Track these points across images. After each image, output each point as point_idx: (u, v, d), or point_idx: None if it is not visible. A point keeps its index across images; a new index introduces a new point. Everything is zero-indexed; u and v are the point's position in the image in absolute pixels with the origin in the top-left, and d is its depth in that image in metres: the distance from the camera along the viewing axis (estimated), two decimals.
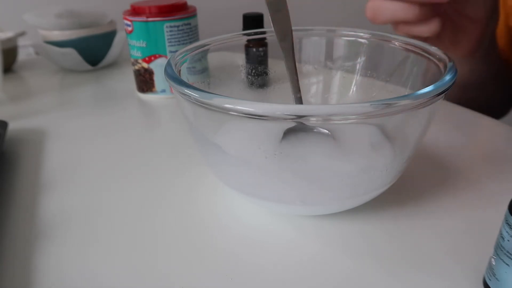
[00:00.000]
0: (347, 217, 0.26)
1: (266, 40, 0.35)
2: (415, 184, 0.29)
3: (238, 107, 0.20)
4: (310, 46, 0.35)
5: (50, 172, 0.33)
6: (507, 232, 0.19)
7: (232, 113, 0.21)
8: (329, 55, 0.35)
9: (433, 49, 0.27)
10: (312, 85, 0.36)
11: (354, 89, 0.34)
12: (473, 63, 0.44)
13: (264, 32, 0.34)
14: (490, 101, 0.53)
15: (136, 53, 0.47)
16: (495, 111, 0.54)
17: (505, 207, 0.27)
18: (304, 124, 0.30)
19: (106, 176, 0.33)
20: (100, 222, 0.27)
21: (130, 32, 0.46)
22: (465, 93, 0.47)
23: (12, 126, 0.40)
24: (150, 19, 0.44)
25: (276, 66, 0.35)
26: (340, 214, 0.26)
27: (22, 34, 0.61)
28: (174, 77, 0.24)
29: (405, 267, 0.23)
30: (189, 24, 0.46)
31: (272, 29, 0.29)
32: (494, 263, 0.20)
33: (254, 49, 0.39)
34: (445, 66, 0.24)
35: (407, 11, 0.32)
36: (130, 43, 0.47)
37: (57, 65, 0.60)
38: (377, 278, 0.22)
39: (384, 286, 0.21)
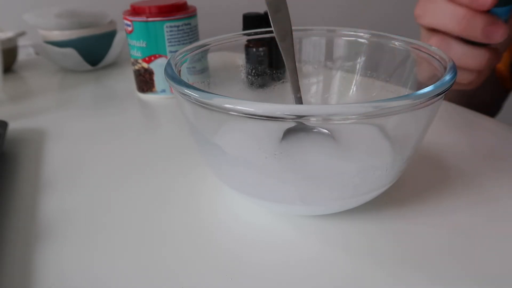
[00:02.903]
0: (347, 217, 0.26)
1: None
2: (415, 184, 0.29)
3: (238, 107, 0.20)
4: (310, 46, 0.35)
5: (50, 172, 0.33)
6: None
7: (232, 113, 0.21)
8: (329, 55, 0.35)
9: (433, 49, 0.27)
10: (312, 85, 0.36)
11: (354, 89, 0.34)
12: None
13: (264, 32, 0.34)
14: (485, 103, 0.53)
15: (136, 53, 0.47)
16: (490, 111, 0.54)
17: (505, 207, 0.27)
18: (304, 124, 0.30)
19: (106, 176, 0.33)
20: (100, 222, 0.27)
21: (130, 32, 0.46)
22: (462, 99, 0.47)
23: (12, 126, 0.40)
24: (150, 19, 0.44)
25: (276, 66, 0.35)
26: (340, 214, 0.26)
27: (22, 34, 0.61)
28: (174, 77, 0.24)
29: (405, 267, 0.23)
30: (189, 24, 0.46)
31: (272, 29, 0.29)
32: None
33: (254, 49, 0.39)
34: (445, 66, 0.24)
35: (453, 18, 0.30)
36: (130, 43, 0.47)
37: (57, 65, 0.60)
38: (377, 278, 0.22)
39: (384, 286, 0.21)
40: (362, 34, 0.32)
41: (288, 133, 0.29)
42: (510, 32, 0.34)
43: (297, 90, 0.30)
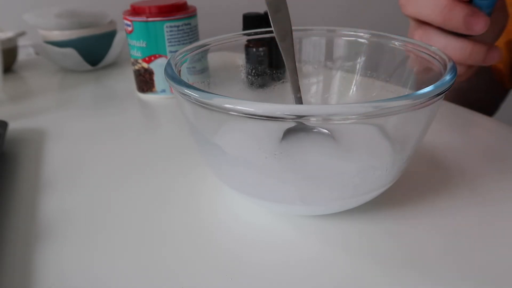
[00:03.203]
0: (347, 217, 0.26)
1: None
2: (415, 184, 0.29)
3: (238, 107, 0.20)
4: (310, 46, 0.35)
5: (50, 172, 0.33)
6: None
7: (232, 113, 0.21)
8: (329, 55, 0.35)
9: (433, 49, 0.27)
10: (312, 85, 0.36)
11: (354, 89, 0.34)
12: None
13: (264, 32, 0.34)
14: (482, 101, 0.53)
15: (136, 53, 0.47)
16: (487, 110, 0.54)
17: (504, 206, 0.27)
18: (304, 124, 0.30)
19: (106, 176, 0.33)
20: (100, 222, 0.27)
21: (130, 32, 0.46)
22: (457, 96, 0.47)
23: (12, 126, 0.40)
24: (150, 19, 0.44)
25: (276, 66, 0.35)
26: (340, 214, 0.26)
27: (22, 34, 0.61)
28: (174, 77, 0.24)
29: (404, 267, 0.23)
30: (189, 24, 0.46)
31: (272, 29, 0.29)
32: None
33: (254, 49, 0.39)
34: (445, 66, 0.24)
35: (434, 9, 0.30)
36: (130, 43, 0.47)
37: (57, 65, 0.60)
38: (376, 279, 0.22)
39: (383, 287, 0.21)
40: (362, 34, 0.32)
41: (288, 133, 0.29)
42: (495, 27, 0.34)
43: (297, 90, 0.30)
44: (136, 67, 0.48)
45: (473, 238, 0.24)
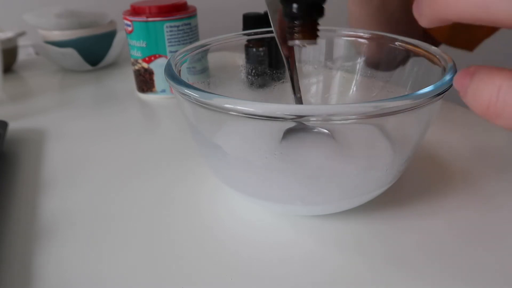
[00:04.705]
0: (347, 217, 0.26)
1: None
2: (415, 184, 0.29)
3: (238, 107, 0.20)
4: (310, 46, 0.35)
5: (50, 172, 0.33)
6: None
7: (232, 113, 0.21)
8: (329, 55, 0.35)
9: (433, 49, 0.27)
10: (312, 85, 0.36)
11: (354, 89, 0.34)
12: None
13: (264, 32, 0.34)
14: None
15: (136, 53, 0.47)
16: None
17: (504, 206, 0.27)
18: (304, 124, 0.30)
19: (106, 176, 0.33)
20: (100, 222, 0.27)
21: (130, 32, 0.46)
22: (398, 27, 0.45)
23: (12, 126, 0.40)
24: (150, 19, 0.44)
25: (276, 66, 0.35)
26: (340, 214, 0.26)
27: (22, 34, 0.61)
28: (174, 77, 0.24)
29: (403, 267, 0.23)
30: (189, 24, 0.46)
31: (272, 29, 0.29)
32: None
33: (254, 49, 0.39)
34: (445, 66, 0.24)
35: None
36: (130, 43, 0.47)
37: (57, 65, 0.60)
38: (375, 280, 0.22)
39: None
40: (362, 34, 0.32)
41: (288, 133, 0.29)
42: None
43: (297, 90, 0.30)
44: (136, 67, 0.48)
45: (472, 238, 0.24)
